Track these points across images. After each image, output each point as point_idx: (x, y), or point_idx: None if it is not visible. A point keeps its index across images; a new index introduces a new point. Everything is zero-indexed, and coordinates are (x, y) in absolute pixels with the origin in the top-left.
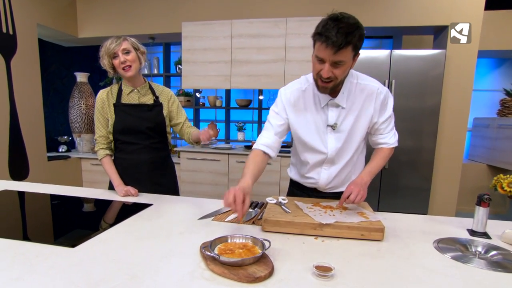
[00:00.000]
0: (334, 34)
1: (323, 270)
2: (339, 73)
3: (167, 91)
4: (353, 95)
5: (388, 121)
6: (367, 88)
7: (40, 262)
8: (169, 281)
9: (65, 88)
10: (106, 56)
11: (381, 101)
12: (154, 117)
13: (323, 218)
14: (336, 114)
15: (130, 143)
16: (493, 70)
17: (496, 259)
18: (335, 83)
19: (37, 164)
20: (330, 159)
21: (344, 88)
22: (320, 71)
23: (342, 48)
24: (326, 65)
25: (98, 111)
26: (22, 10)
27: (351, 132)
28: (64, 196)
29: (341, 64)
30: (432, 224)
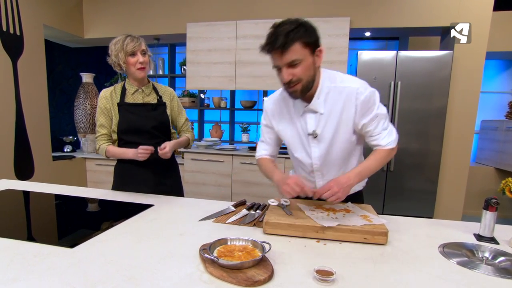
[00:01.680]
0: (274, 38)
1: (324, 275)
2: (299, 72)
3: (170, 90)
4: (332, 99)
5: (375, 121)
6: (346, 90)
7: (38, 263)
8: (166, 284)
9: (71, 89)
10: (123, 52)
11: (361, 102)
12: (158, 117)
13: (325, 221)
14: (315, 121)
15: (135, 143)
16: (502, 71)
17: (504, 266)
18: (302, 85)
19: (42, 164)
20: (318, 169)
21: (319, 93)
22: (282, 79)
23: (286, 47)
24: (283, 69)
25: (101, 110)
26: (29, 11)
27: (334, 139)
28: (67, 196)
29: (297, 63)
30: (437, 228)
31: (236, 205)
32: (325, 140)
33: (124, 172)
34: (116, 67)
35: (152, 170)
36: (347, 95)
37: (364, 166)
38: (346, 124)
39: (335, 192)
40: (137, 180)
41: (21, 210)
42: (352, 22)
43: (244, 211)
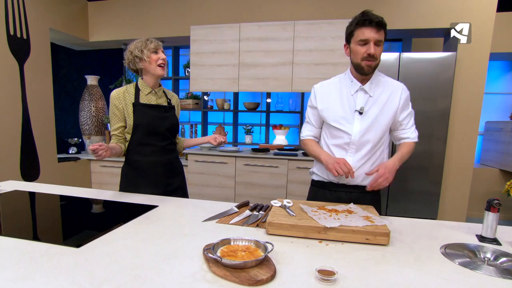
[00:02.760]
0: (375, 17)
1: (325, 274)
2: (379, 53)
3: (176, 96)
4: (381, 88)
5: (409, 116)
6: (393, 85)
7: (45, 262)
8: (170, 283)
9: (76, 91)
10: (145, 49)
11: (405, 97)
12: (171, 119)
13: (328, 221)
14: (364, 100)
15: (147, 145)
16: (506, 72)
17: (506, 266)
18: (376, 64)
19: (48, 165)
20: (354, 142)
21: (372, 79)
22: (365, 52)
23: (382, 28)
24: (371, 44)
25: (116, 107)
26: (35, 15)
27: (376, 119)
28: (73, 197)
29: (380, 44)
30: (439, 229)
31: (239, 206)
32: (367, 118)
33: (132, 173)
34: (135, 65)
35: (163, 171)
36: (394, 89)
37: (401, 153)
38: (387, 111)
39: (386, 176)
40: (148, 181)
41: (28, 210)
42: None
43: (247, 212)
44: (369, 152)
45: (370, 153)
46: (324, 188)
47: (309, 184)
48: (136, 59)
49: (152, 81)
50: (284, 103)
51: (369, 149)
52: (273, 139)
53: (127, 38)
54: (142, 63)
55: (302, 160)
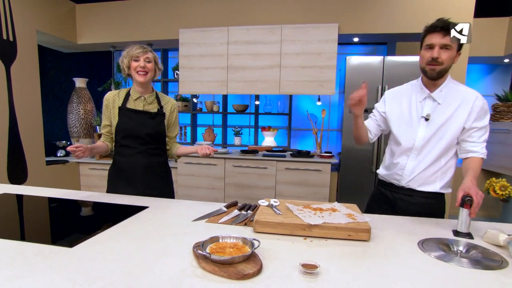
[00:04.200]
0: (442, 22)
1: (309, 268)
2: (445, 57)
3: (172, 102)
4: (451, 96)
5: (483, 130)
6: (465, 93)
7: (39, 261)
8: (162, 278)
9: (63, 94)
10: (128, 57)
11: (478, 107)
12: (155, 125)
13: (312, 219)
14: (432, 107)
15: (127, 147)
16: (485, 76)
17: (476, 258)
18: (442, 68)
19: (36, 168)
20: (417, 148)
21: (443, 87)
22: (430, 56)
23: (448, 32)
24: (436, 48)
25: (104, 110)
26: (22, 17)
27: (443, 127)
28: (63, 199)
29: (448, 48)
30: (418, 225)
31: (228, 206)
32: (433, 125)
33: (114, 173)
34: (124, 72)
35: (142, 173)
36: (465, 97)
37: (474, 171)
38: (456, 120)
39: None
40: (126, 181)
41: (18, 213)
42: (340, 28)
43: (235, 212)
44: (432, 159)
45: (434, 160)
46: (385, 188)
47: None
48: (123, 66)
49: (138, 87)
50: (272, 105)
51: (433, 156)
52: (262, 140)
53: (116, 41)
54: (128, 70)
55: (290, 161)
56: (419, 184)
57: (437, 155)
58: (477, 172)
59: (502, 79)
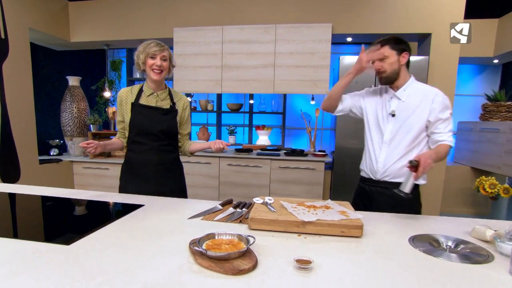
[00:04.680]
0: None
1: (302, 263)
2: (385, 66)
3: (185, 99)
4: (413, 94)
5: (446, 122)
6: (426, 91)
7: (37, 259)
8: (159, 274)
9: (56, 92)
10: (145, 54)
11: (439, 103)
12: (167, 122)
13: (306, 216)
14: (397, 105)
15: (140, 143)
16: (475, 76)
17: (464, 253)
18: (387, 74)
19: (29, 167)
20: (387, 141)
21: (406, 87)
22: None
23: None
24: (375, 62)
25: (118, 107)
26: (14, 14)
27: (407, 121)
28: (59, 198)
29: (384, 59)
30: (409, 222)
31: (223, 204)
32: (399, 120)
33: (127, 169)
34: (139, 67)
35: (154, 170)
36: (425, 94)
37: (437, 150)
38: (419, 115)
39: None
40: (138, 178)
41: (15, 212)
42: (334, 28)
43: (230, 209)
44: (402, 151)
45: (404, 152)
46: (364, 183)
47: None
48: (139, 61)
49: (152, 84)
50: (266, 104)
51: (402, 148)
52: (256, 139)
53: (109, 39)
54: (143, 66)
55: (284, 160)
56: (392, 177)
57: (405, 147)
58: (440, 153)
59: (492, 79)
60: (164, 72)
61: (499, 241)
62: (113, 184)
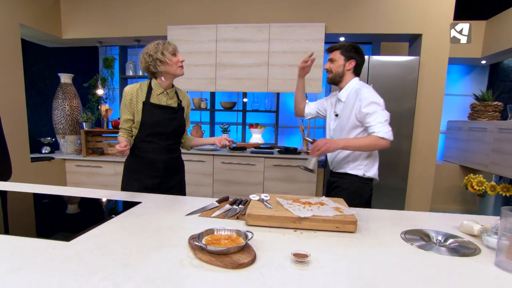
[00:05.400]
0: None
1: (300, 257)
2: (332, 67)
3: (188, 97)
4: (351, 95)
5: (373, 115)
6: (357, 89)
7: (38, 255)
8: (160, 269)
9: (48, 89)
10: (166, 52)
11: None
12: (178, 120)
13: (302, 212)
14: (339, 106)
15: (149, 142)
16: (464, 76)
17: (453, 246)
18: (331, 76)
19: (20, 165)
20: (332, 137)
21: (345, 89)
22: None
23: (331, 51)
24: (328, 62)
25: (125, 105)
26: (4, 10)
27: (343, 119)
28: (55, 195)
29: (333, 61)
30: (401, 217)
31: (219, 201)
32: (339, 120)
33: (135, 169)
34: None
35: (162, 168)
36: (356, 92)
37: (352, 139)
38: (352, 112)
39: (324, 144)
40: (148, 177)
41: (12, 209)
42: (327, 28)
43: (227, 206)
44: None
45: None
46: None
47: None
48: (158, 61)
49: (169, 82)
50: (260, 103)
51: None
52: (249, 137)
53: (102, 36)
54: (164, 65)
55: (278, 158)
56: (336, 167)
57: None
58: (357, 142)
59: (480, 79)
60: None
61: (485, 235)
62: (106, 182)
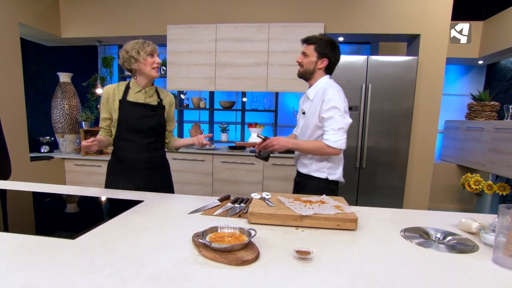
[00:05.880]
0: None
1: (302, 254)
2: (304, 61)
3: (171, 96)
4: (319, 94)
5: (329, 120)
6: (324, 90)
7: (44, 252)
8: (166, 266)
9: (47, 88)
10: (142, 51)
11: (325, 102)
12: (156, 118)
13: (303, 210)
14: (307, 104)
15: (129, 140)
16: (462, 76)
17: (452, 243)
18: (303, 70)
19: (20, 165)
20: (298, 136)
21: (314, 87)
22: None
23: (306, 43)
24: (299, 55)
25: (103, 104)
26: (3, 9)
27: (310, 118)
28: (56, 194)
29: (305, 55)
30: (400, 216)
31: (221, 199)
32: (307, 118)
33: (115, 167)
34: (130, 64)
35: (143, 168)
36: (323, 92)
37: (302, 142)
38: (317, 113)
39: (272, 144)
40: (128, 176)
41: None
42: (326, 28)
43: (229, 205)
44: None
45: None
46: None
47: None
48: (132, 59)
49: (145, 81)
50: (259, 102)
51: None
52: (248, 137)
53: (101, 36)
54: (137, 64)
55: (277, 157)
56: (299, 165)
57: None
58: (306, 145)
59: (477, 79)
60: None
61: (483, 233)
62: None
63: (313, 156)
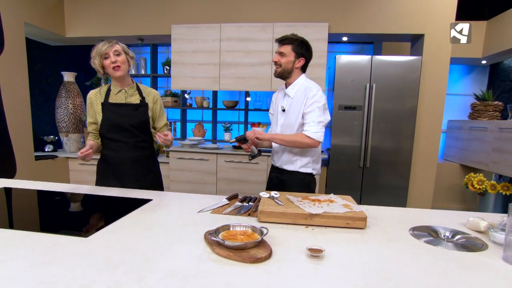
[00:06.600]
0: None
1: (315, 251)
2: (283, 61)
3: (154, 92)
4: (299, 91)
5: (310, 114)
6: (306, 87)
7: (59, 250)
8: (181, 263)
9: (50, 88)
10: (98, 56)
11: (308, 97)
12: (138, 116)
13: (313, 209)
14: (286, 101)
15: (115, 141)
16: (465, 76)
17: (461, 242)
18: (281, 69)
19: (24, 164)
20: (279, 133)
21: (294, 85)
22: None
23: (282, 43)
24: (276, 54)
25: (88, 109)
26: (9, 8)
27: (292, 115)
28: (65, 193)
29: (283, 55)
30: (408, 214)
31: (229, 198)
32: (287, 115)
33: (103, 168)
34: (99, 71)
35: (131, 167)
36: (305, 90)
37: (282, 135)
38: (298, 110)
39: (249, 137)
40: (116, 175)
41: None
42: (330, 27)
43: (237, 203)
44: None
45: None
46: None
47: None
48: (97, 66)
49: (117, 82)
50: (262, 102)
51: None
52: None
53: (106, 35)
54: (103, 70)
55: None
56: (283, 163)
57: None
58: (284, 137)
59: (480, 79)
60: (123, 66)
61: (492, 231)
62: None
63: (297, 153)
